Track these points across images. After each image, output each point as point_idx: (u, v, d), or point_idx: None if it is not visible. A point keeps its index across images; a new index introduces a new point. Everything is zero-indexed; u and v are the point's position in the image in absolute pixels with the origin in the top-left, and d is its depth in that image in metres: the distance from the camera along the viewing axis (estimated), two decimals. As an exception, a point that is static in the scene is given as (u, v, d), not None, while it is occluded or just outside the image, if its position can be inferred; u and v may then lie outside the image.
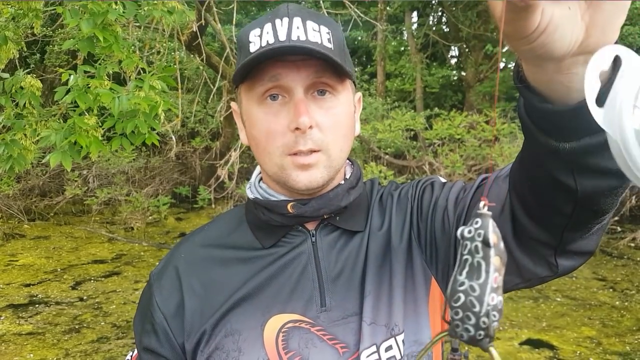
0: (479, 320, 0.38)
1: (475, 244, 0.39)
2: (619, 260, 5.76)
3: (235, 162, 5.22)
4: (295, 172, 0.65)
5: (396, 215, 0.73)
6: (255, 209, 0.71)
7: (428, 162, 6.46)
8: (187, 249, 0.75)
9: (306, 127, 0.62)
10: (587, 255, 0.57)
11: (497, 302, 0.38)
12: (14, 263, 5.69)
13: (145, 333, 0.71)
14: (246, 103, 0.68)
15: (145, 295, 0.73)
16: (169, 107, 2.34)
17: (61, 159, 2.21)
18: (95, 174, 7.52)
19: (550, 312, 4.29)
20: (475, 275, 0.38)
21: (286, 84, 0.63)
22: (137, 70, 2.72)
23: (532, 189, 0.51)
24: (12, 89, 2.50)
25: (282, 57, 0.62)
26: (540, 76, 0.41)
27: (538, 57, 0.38)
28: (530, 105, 0.44)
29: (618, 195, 0.48)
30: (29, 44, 5.10)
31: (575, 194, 0.47)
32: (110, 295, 4.71)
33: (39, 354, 3.53)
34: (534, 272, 0.58)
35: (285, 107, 0.64)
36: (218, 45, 7.61)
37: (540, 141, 0.45)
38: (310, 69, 0.63)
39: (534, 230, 0.54)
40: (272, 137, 0.65)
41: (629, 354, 3.53)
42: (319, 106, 0.65)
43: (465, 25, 8.97)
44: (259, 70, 0.63)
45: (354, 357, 0.65)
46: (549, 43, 0.36)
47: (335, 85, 0.66)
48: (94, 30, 2.16)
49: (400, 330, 0.67)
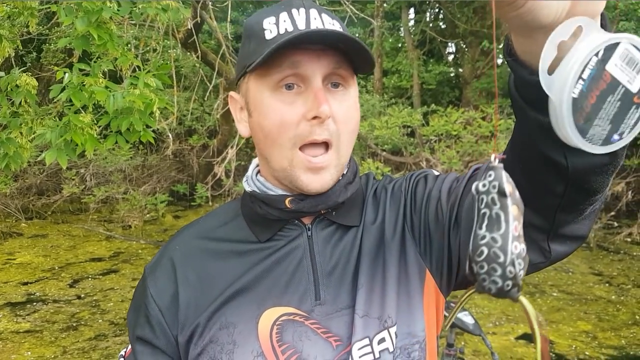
0: (505, 270, 0.38)
1: (491, 196, 0.39)
2: (616, 255, 5.78)
3: (233, 159, 5.23)
4: (305, 174, 0.64)
5: (390, 208, 0.73)
6: (252, 202, 0.71)
7: (425, 159, 6.47)
8: (182, 240, 0.74)
9: (327, 116, 0.61)
10: (580, 241, 0.58)
11: (520, 250, 0.39)
12: (11, 261, 5.69)
13: (139, 325, 0.70)
14: (257, 91, 0.65)
15: (139, 288, 0.73)
16: (165, 104, 2.35)
17: (57, 156, 2.21)
18: (92, 172, 7.51)
19: (547, 306, 4.31)
20: (495, 226, 0.39)
21: (305, 72, 0.62)
22: (132, 68, 2.72)
23: (523, 171, 0.51)
24: (7, 87, 2.50)
25: (302, 45, 0.61)
26: (529, 47, 0.41)
27: (526, 24, 0.38)
28: (519, 79, 0.44)
29: (609, 174, 0.49)
30: (25, 43, 5.09)
31: (566, 172, 0.47)
32: (107, 293, 4.72)
33: (37, 352, 3.54)
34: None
35: (301, 97, 0.63)
36: (214, 43, 7.60)
37: (531, 117, 0.46)
38: (330, 58, 0.63)
39: (527, 214, 0.54)
40: (285, 128, 0.63)
41: (624, 347, 3.56)
42: (333, 97, 0.64)
43: (462, 21, 8.96)
44: (277, 57, 0.61)
45: (346, 350, 0.65)
46: (536, 9, 0.36)
47: (348, 79, 0.66)
48: (89, 28, 2.16)
49: (393, 323, 0.67)
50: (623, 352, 3.50)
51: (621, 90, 0.37)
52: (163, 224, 7.38)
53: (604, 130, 0.38)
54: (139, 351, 0.70)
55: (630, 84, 0.37)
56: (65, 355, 3.50)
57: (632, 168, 6.87)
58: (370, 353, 0.65)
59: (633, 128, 0.38)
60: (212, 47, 7.46)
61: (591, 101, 0.37)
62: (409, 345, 0.67)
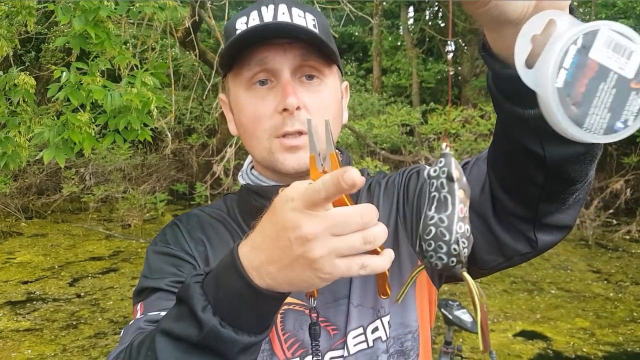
0: (450, 247, 0.42)
1: (440, 180, 0.43)
2: (614, 252, 5.79)
3: (232, 158, 5.23)
4: (282, 155, 0.66)
5: (383, 201, 0.75)
6: (247, 195, 0.73)
7: (424, 157, 6.48)
8: (190, 223, 0.75)
9: (294, 108, 0.63)
10: (565, 230, 0.59)
11: (464, 230, 0.42)
12: (11, 261, 5.70)
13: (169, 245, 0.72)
14: (234, 90, 0.69)
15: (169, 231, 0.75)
16: (162, 103, 2.36)
17: (55, 155, 2.22)
18: (91, 171, 7.52)
19: (545, 304, 4.32)
20: (442, 208, 0.42)
21: (273, 66, 0.64)
22: (130, 66, 2.73)
23: (506, 163, 0.53)
24: (5, 86, 2.51)
25: (268, 40, 0.63)
26: (500, 42, 0.43)
27: (494, 20, 0.40)
28: (494, 72, 0.46)
29: (586, 163, 0.50)
30: (23, 42, 5.09)
31: (544, 161, 0.49)
32: (107, 291, 4.74)
33: (37, 350, 3.56)
34: (515, 249, 0.60)
35: (272, 91, 0.65)
36: (213, 42, 7.60)
37: (507, 110, 0.47)
38: (296, 51, 0.64)
39: (510, 204, 0.56)
40: (259, 121, 0.66)
41: (622, 344, 3.57)
42: (306, 89, 0.66)
43: (461, 20, 8.96)
44: (246, 56, 0.65)
45: (342, 340, 0.67)
46: (502, 5, 0.38)
47: (321, 69, 0.67)
48: (86, 27, 2.17)
49: (386, 312, 0.68)
50: (620, 349, 3.51)
51: (613, 77, 0.37)
52: (162, 222, 7.39)
53: (602, 119, 0.37)
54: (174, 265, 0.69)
55: (623, 70, 0.37)
56: (65, 353, 3.51)
57: (631, 166, 6.88)
58: (364, 342, 0.67)
59: (638, 114, 0.37)
60: (211, 46, 7.46)
61: (580, 89, 0.37)
62: (402, 335, 0.69)
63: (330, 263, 0.41)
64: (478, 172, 0.61)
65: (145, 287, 0.67)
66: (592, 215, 6.08)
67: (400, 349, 0.68)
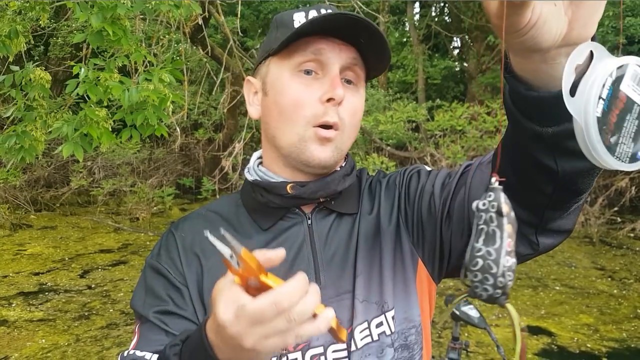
0: (497, 280, 0.44)
1: (489, 214, 0.44)
2: (618, 250, 5.82)
3: (239, 153, 5.28)
4: (314, 145, 0.68)
5: (385, 200, 0.77)
6: (253, 191, 0.74)
7: (430, 154, 6.51)
8: (190, 228, 0.75)
9: (341, 99, 0.66)
10: (566, 234, 0.62)
11: (511, 263, 0.44)
12: (22, 252, 5.79)
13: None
14: (276, 72, 0.70)
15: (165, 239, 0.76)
16: (179, 100, 2.40)
17: (73, 149, 2.27)
18: (100, 165, 7.60)
19: (549, 300, 4.36)
20: (490, 241, 0.44)
21: (326, 59, 0.67)
22: (145, 63, 2.77)
23: (515, 171, 0.55)
24: (22, 81, 2.56)
25: (327, 35, 0.66)
26: (526, 66, 0.45)
27: (527, 49, 0.42)
28: (516, 93, 0.48)
29: (594, 176, 0.53)
30: (32, 36, 5.14)
31: (556, 175, 0.51)
32: (117, 283, 4.81)
33: (51, 340, 3.63)
34: (517, 251, 0.63)
35: (318, 82, 0.68)
36: (221, 37, 7.63)
37: (525, 127, 0.49)
38: (350, 53, 0.68)
39: (516, 210, 0.58)
40: (301, 106, 0.67)
41: (626, 340, 3.61)
42: (345, 90, 0.69)
43: (468, 16, 8.94)
44: (303, 43, 0.67)
45: (347, 333, 0.68)
46: (538, 36, 0.40)
47: (360, 79, 0.71)
48: (104, 24, 2.21)
49: (390, 307, 0.70)
50: (624, 345, 3.55)
51: (637, 109, 0.40)
52: (170, 216, 7.47)
53: (628, 148, 0.40)
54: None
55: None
56: (79, 343, 3.59)
57: (636, 164, 6.87)
58: (369, 336, 0.69)
59: None
60: (218, 42, 7.50)
61: (613, 120, 0.39)
62: (406, 329, 0.71)
63: (263, 346, 0.47)
64: (481, 177, 0.63)
65: (138, 311, 0.71)
66: (596, 213, 6.11)
67: (404, 343, 0.70)
